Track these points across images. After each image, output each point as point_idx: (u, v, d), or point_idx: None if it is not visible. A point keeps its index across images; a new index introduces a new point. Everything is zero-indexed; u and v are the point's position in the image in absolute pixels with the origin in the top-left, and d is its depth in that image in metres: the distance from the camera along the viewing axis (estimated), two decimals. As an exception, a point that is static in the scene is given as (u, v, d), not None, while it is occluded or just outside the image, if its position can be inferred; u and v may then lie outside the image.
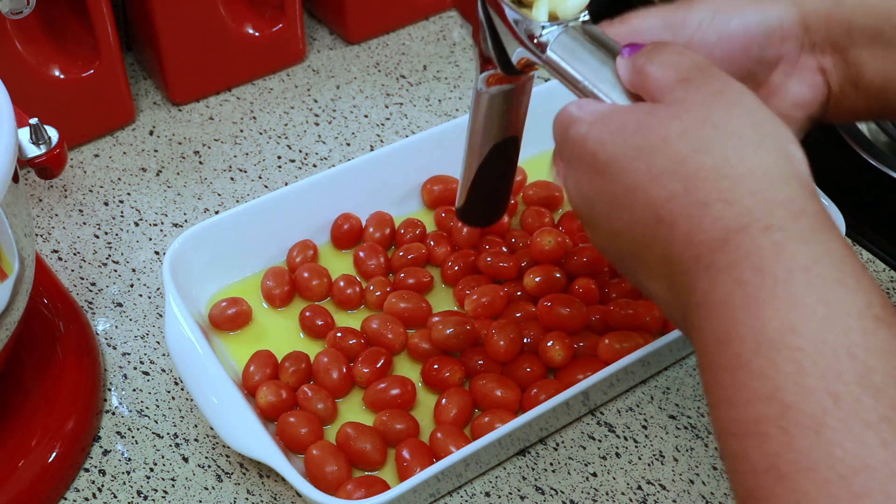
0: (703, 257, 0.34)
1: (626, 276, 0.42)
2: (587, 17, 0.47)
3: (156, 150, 0.81)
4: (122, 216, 0.75)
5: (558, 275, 0.66)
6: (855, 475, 0.28)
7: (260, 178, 0.79)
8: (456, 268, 0.69)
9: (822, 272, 0.32)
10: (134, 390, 0.64)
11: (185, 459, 0.61)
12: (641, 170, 0.37)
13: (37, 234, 0.74)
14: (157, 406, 0.63)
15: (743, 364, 0.31)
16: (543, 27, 0.47)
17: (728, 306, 0.33)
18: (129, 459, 0.61)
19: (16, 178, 0.52)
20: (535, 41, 0.47)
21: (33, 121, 0.56)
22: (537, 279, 0.66)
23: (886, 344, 0.30)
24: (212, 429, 0.61)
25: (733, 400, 0.32)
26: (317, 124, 0.83)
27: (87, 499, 0.59)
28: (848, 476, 0.28)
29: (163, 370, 0.65)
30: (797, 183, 0.35)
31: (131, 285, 0.70)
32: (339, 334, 0.64)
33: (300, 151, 0.81)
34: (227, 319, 0.65)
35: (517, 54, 0.49)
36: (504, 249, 0.70)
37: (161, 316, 0.68)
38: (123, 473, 0.60)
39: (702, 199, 0.35)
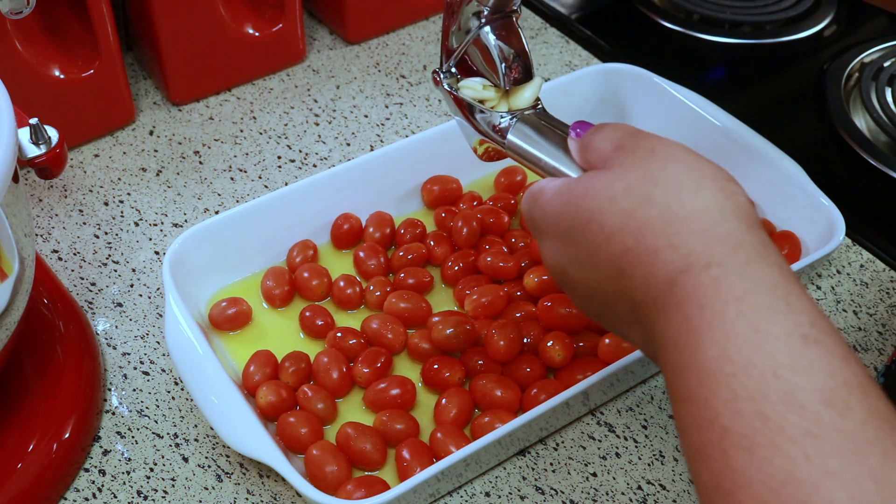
0: (658, 300, 0.37)
1: (610, 331, 0.45)
2: (540, 106, 0.54)
3: (156, 150, 0.81)
4: (122, 216, 0.75)
5: (558, 275, 0.66)
6: (783, 487, 0.30)
7: (260, 178, 0.79)
8: (456, 268, 0.69)
9: (753, 301, 0.34)
10: (134, 390, 0.64)
11: (185, 459, 0.61)
12: (595, 231, 0.40)
13: (37, 234, 0.74)
14: (157, 406, 0.63)
15: (691, 395, 0.34)
16: (502, 117, 0.53)
17: (678, 342, 0.35)
18: (129, 459, 0.61)
19: (16, 178, 0.52)
20: (496, 129, 0.53)
21: (33, 121, 0.56)
22: (537, 279, 0.66)
23: (811, 361, 0.32)
24: (212, 429, 0.61)
25: (687, 428, 0.35)
26: (317, 124, 0.84)
27: (87, 499, 0.59)
28: (777, 489, 0.30)
29: (163, 370, 0.65)
30: (736, 218, 0.38)
31: (131, 285, 0.71)
32: (339, 334, 0.64)
33: (300, 151, 0.81)
34: (227, 319, 0.65)
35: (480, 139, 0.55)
36: (504, 249, 0.70)
37: (161, 316, 0.68)
38: (123, 473, 0.60)
39: (651, 247, 0.38)
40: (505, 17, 0.53)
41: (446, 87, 0.55)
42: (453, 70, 0.55)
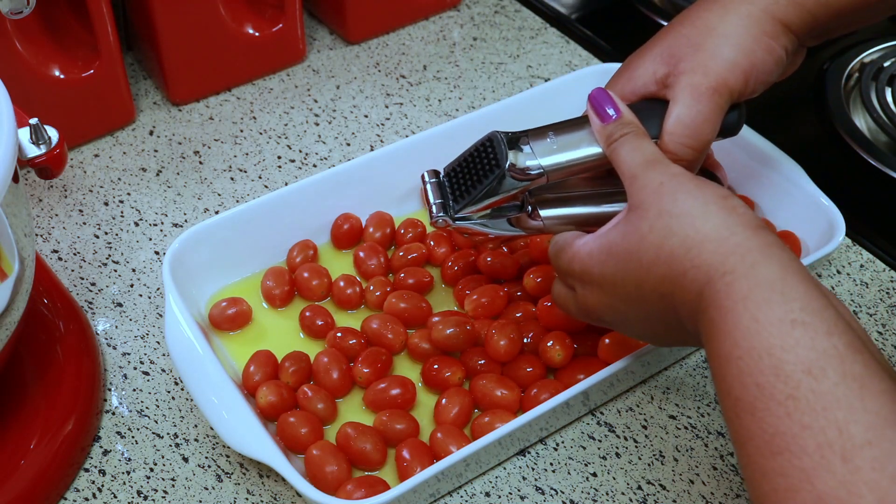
0: (694, 311, 0.46)
1: (670, 346, 0.56)
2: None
3: (156, 150, 0.81)
4: (122, 216, 0.75)
5: (558, 275, 0.66)
6: (773, 439, 0.40)
7: (260, 178, 0.79)
8: (456, 268, 0.69)
9: (755, 297, 0.43)
10: (134, 390, 0.64)
11: (185, 459, 0.61)
12: (635, 268, 0.48)
13: (37, 234, 0.74)
14: (157, 406, 0.63)
15: (716, 375, 0.44)
16: (525, 206, 0.57)
17: (707, 338, 0.44)
18: (129, 459, 0.61)
19: (16, 178, 0.52)
20: (527, 219, 0.58)
21: (33, 121, 0.56)
22: (537, 279, 0.66)
23: (797, 340, 0.41)
24: (212, 429, 0.61)
25: (719, 401, 0.44)
26: (317, 124, 0.84)
27: (87, 499, 0.59)
28: (769, 441, 0.40)
29: (163, 370, 0.65)
30: (742, 228, 0.45)
31: (131, 285, 0.71)
32: (339, 334, 0.64)
33: (300, 151, 0.81)
34: (227, 319, 0.65)
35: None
36: (504, 249, 0.70)
37: (161, 316, 0.68)
38: (123, 473, 0.60)
39: (680, 271, 0.46)
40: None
41: (459, 224, 0.58)
42: (456, 212, 0.58)
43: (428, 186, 0.59)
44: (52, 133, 0.57)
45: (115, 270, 0.71)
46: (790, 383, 0.40)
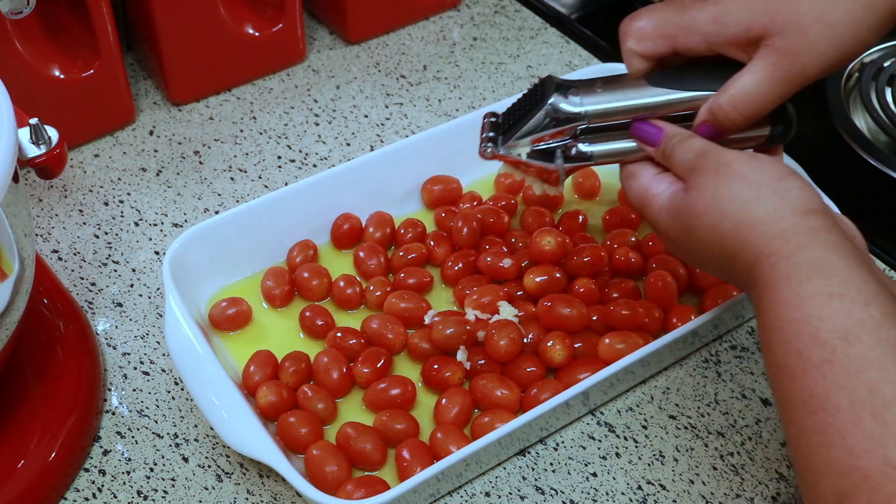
0: (747, 286, 0.50)
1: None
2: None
3: (156, 150, 0.81)
4: (122, 216, 0.75)
5: (558, 275, 0.66)
6: (810, 399, 0.43)
7: (260, 178, 0.79)
8: (456, 268, 0.69)
9: (797, 274, 0.46)
10: (134, 390, 0.64)
11: (185, 459, 0.61)
12: (695, 240, 0.52)
13: (37, 234, 0.74)
14: (157, 406, 0.63)
15: (763, 345, 0.48)
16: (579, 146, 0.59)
17: (757, 310, 0.49)
18: (129, 459, 0.61)
19: (16, 178, 0.52)
20: (575, 153, 0.59)
21: (33, 121, 0.56)
22: (537, 279, 0.66)
23: (834, 311, 0.44)
24: (212, 429, 0.61)
25: (766, 369, 0.48)
26: (317, 124, 0.84)
27: (87, 499, 0.59)
28: (806, 401, 0.44)
29: (163, 370, 0.65)
30: (790, 213, 0.49)
31: (131, 285, 0.71)
32: (339, 334, 0.64)
33: (300, 151, 0.81)
34: (227, 319, 0.65)
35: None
36: (504, 249, 0.70)
37: (161, 316, 0.68)
38: (123, 473, 0.60)
39: (732, 251, 0.50)
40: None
41: (506, 152, 0.59)
42: (499, 142, 0.59)
43: (484, 122, 0.60)
44: (52, 133, 0.57)
45: (115, 270, 0.71)
46: (826, 349, 0.43)
